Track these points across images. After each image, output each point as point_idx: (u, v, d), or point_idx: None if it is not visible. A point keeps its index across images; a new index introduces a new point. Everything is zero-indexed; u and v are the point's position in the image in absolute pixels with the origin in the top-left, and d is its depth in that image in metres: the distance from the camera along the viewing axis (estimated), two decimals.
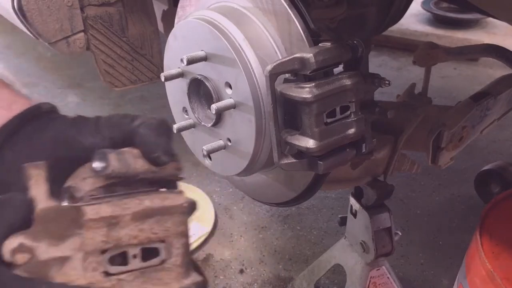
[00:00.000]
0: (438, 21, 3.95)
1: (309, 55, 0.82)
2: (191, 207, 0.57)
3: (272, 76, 0.83)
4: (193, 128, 1.08)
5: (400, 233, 1.42)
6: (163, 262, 0.53)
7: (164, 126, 0.62)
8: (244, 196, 2.16)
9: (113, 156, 0.53)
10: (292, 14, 0.89)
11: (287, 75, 0.86)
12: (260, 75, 0.90)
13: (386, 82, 0.91)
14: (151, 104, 2.95)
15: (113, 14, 1.49)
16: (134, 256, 0.51)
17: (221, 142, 1.00)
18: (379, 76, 0.90)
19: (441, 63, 1.52)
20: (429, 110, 1.33)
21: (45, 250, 0.47)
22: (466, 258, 1.27)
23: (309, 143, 0.84)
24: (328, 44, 0.85)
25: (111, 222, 0.49)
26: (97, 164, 0.52)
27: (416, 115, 1.27)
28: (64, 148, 0.57)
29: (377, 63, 3.39)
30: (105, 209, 0.49)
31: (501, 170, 2.01)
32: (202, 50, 0.96)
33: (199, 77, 0.99)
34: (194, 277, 0.56)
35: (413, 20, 3.97)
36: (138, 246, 0.51)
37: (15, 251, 0.45)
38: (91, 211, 0.48)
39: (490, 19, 3.63)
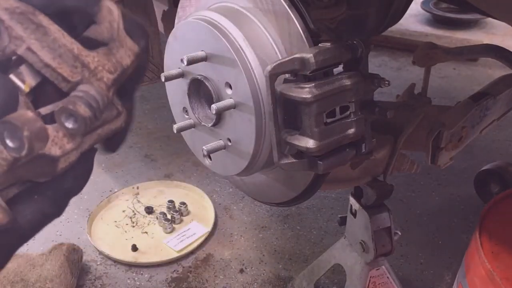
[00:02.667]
0: (438, 21, 3.96)
1: (309, 55, 0.82)
2: None
3: (272, 76, 0.83)
4: (193, 128, 1.08)
5: (399, 233, 1.42)
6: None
7: None
8: (244, 196, 2.17)
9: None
10: (292, 14, 0.89)
11: (287, 75, 0.87)
12: (260, 75, 0.90)
13: (386, 82, 0.91)
14: (151, 104, 2.96)
15: None
16: None
17: (221, 142, 1.01)
18: (378, 76, 0.91)
19: (441, 63, 1.53)
20: (428, 110, 1.33)
21: None
22: (466, 257, 1.27)
23: (309, 143, 0.84)
24: (328, 44, 0.86)
25: None
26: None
27: (416, 115, 1.28)
28: None
29: (377, 63, 3.39)
30: None
31: (500, 170, 2.01)
32: (202, 51, 0.96)
33: (199, 77, 0.99)
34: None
35: (413, 20, 3.98)
36: None
37: None
38: None
39: (489, 19, 3.63)
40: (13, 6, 0.40)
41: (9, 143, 0.38)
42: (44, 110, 0.42)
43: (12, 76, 0.42)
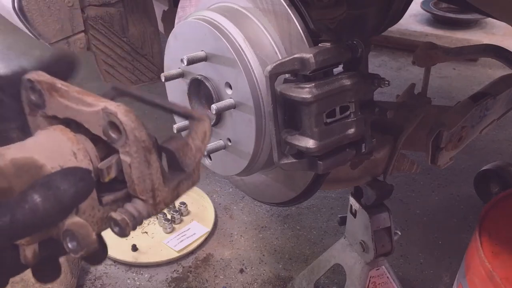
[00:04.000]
0: (438, 21, 3.96)
1: (309, 55, 0.83)
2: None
3: (272, 76, 0.83)
4: None
5: (399, 233, 1.42)
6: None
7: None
8: (244, 196, 2.17)
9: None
10: (292, 14, 0.89)
11: (287, 75, 0.87)
12: (260, 75, 0.90)
13: (386, 82, 0.91)
14: None
15: (113, 14, 1.49)
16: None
17: (221, 142, 1.01)
18: (378, 76, 0.91)
19: (441, 63, 1.53)
20: (428, 110, 1.34)
21: None
22: (466, 257, 1.27)
23: (309, 143, 0.84)
24: (328, 44, 0.86)
25: None
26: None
27: (416, 115, 1.28)
28: None
29: (377, 63, 3.39)
30: None
31: (500, 170, 2.01)
32: (202, 51, 0.96)
33: (199, 77, 0.99)
34: None
35: (413, 20, 3.98)
36: None
37: None
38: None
39: (489, 19, 3.63)
40: (141, 139, 0.50)
41: (69, 243, 0.47)
42: (105, 199, 0.51)
43: (103, 164, 0.51)
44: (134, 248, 1.89)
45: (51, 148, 0.50)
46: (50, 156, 0.49)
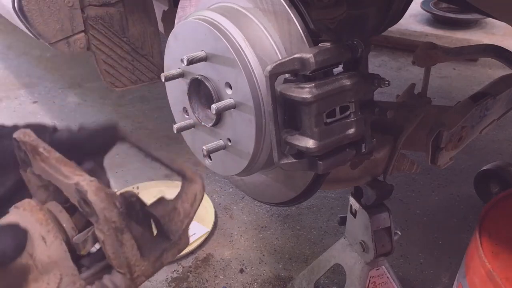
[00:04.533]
0: (438, 21, 3.96)
1: (309, 55, 0.83)
2: None
3: (272, 76, 0.83)
4: (193, 128, 1.08)
5: (399, 233, 1.42)
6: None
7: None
8: (244, 196, 2.17)
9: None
10: (292, 14, 0.89)
11: (287, 75, 0.87)
12: (260, 75, 0.90)
13: (386, 82, 0.91)
14: (152, 104, 2.96)
15: (113, 14, 1.49)
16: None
17: (221, 142, 1.01)
18: (378, 76, 0.91)
19: (441, 63, 1.53)
20: (428, 110, 1.34)
21: None
22: (466, 257, 1.27)
23: (309, 143, 0.84)
24: (328, 44, 0.86)
25: None
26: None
27: (416, 115, 1.28)
28: None
29: (377, 63, 3.39)
30: None
31: (500, 170, 2.01)
32: (202, 51, 0.96)
33: (199, 77, 0.99)
34: None
35: (413, 20, 3.98)
36: None
37: None
38: None
39: (489, 19, 3.64)
40: (111, 220, 0.50)
41: None
42: (84, 275, 0.52)
43: (80, 236, 0.52)
44: None
45: None
46: None
